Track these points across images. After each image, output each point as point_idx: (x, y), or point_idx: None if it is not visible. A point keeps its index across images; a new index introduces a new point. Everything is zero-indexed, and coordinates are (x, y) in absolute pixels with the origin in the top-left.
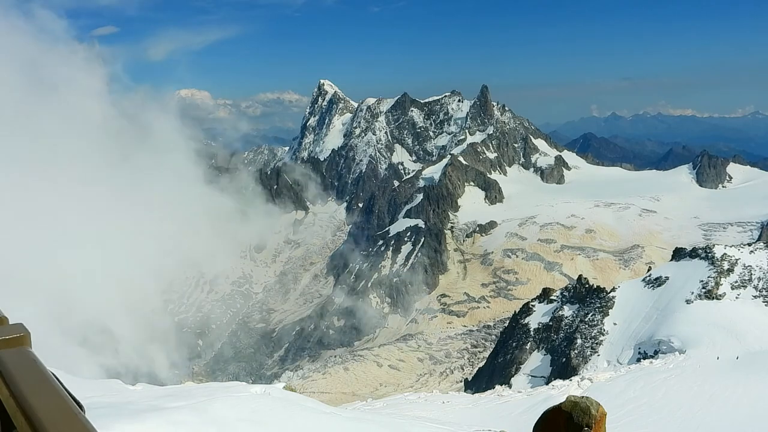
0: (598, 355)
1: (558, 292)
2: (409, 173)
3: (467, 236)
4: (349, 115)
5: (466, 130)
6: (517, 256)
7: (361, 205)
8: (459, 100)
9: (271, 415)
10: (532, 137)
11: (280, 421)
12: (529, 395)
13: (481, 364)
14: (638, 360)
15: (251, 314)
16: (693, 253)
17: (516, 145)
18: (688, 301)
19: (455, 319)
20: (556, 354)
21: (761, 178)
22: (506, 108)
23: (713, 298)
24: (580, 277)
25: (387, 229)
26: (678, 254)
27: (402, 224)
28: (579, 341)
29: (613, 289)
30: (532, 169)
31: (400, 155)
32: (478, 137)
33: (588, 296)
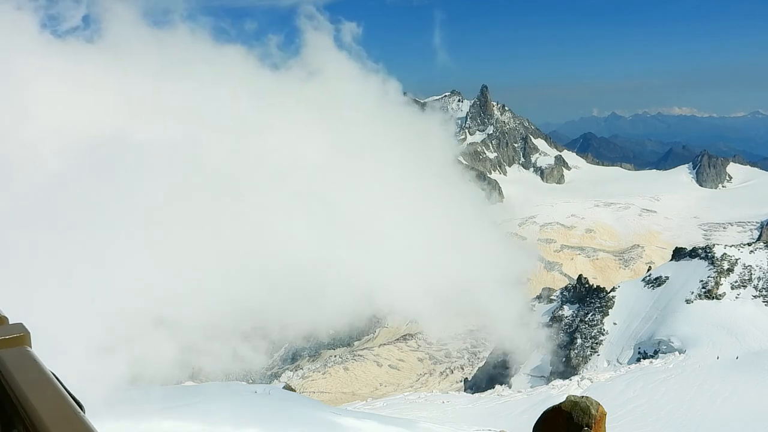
0: (598, 355)
1: (558, 292)
2: None
3: None
4: None
5: (466, 130)
6: None
7: None
8: (459, 100)
9: (271, 415)
10: (532, 137)
11: (280, 421)
12: (529, 395)
13: (481, 364)
14: (638, 360)
15: None
16: (693, 253)
17: (516, 145)
18: (688, 301)
19: (455, 319)
20: (556, 354)
21: (761, 178)
22: (506, 108)
23: (713, 298)
24: (580, 276)
25: None
26: (678, 254)
27: None
28: (579, 341)
29: (613, 289)
30: (532, 169)
31: None
32: (478, 137)
33: (588, 296)
